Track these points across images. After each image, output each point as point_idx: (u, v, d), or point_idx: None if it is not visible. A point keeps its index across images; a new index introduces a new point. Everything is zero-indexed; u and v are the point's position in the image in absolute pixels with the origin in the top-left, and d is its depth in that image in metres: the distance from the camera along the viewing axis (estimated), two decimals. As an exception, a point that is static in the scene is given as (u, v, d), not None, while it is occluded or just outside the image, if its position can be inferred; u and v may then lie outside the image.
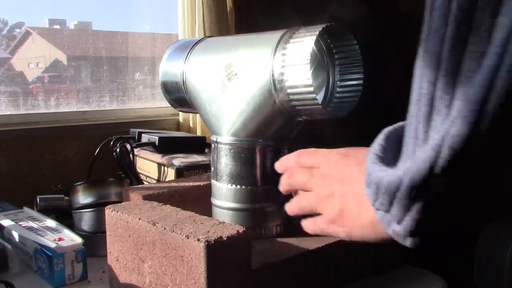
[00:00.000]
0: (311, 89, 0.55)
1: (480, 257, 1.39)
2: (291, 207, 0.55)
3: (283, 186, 0.56)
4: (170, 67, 0.74)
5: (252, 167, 0.64)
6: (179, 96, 0.74)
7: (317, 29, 0.57)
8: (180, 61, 0.72)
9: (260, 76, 0.60)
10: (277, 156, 0.63)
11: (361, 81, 0.62)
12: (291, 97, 0.58)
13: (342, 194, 0.47)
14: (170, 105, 0.78)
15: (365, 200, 0.41)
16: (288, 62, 0.57)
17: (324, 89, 0.64)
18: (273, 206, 0.65)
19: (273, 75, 0.59)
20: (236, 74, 0.63)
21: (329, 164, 0.49)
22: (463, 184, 0.36)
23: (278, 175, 0.64)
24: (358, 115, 0.66)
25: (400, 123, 0.43)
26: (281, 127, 0.63)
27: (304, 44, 0.56)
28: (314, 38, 0.56)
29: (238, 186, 0.65)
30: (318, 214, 0.51)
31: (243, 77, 0.62)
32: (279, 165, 0.57)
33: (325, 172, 0.49)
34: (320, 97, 0.64)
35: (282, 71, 0.58)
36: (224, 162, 0.66)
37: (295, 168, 0.54)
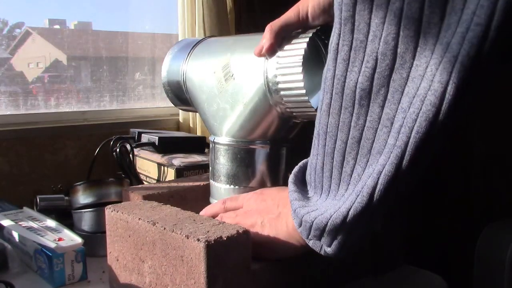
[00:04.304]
0: (303, 91, 0.55)
1: (480, 257, 1.39)
2: None
3: None
4: (172, 66, 0.74)
5: (249, 168, 0.64)
6: (180, 95, 0.74)
7: (311, 31, 0.56)
8: (181, 60, 0.72)
9: (255, 78, 0.60)
10: (275, 157, 0.63)
11: None
12: (285, 99, 0.58)
13: (260, 221, 0.56)
14: (170, 104, 0.78)
15: (280, 222, 0.53)
16: (281, 64, 0.57)
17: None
18: (273, 206, 0.65)
19: (267, 78, 0.59)
20: (232, 75, 0.63)
21: (249, 202, 0.59)
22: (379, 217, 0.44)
23: (276, 176, 0.64)
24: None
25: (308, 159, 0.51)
26: (278, 129, 0.63)
27: (297, 46, 0.56)
28: (306, 40, 0.56)
29: (236, 187, 0.65)
30: None
31: (240, 78, 0.62)
32: (205, 213, 0.64)
33: (246, 209, 0.59)
34: (317, 98, 0.64)
35: (276, 74, 0.57)
36: (221, 163, 0.66)
37: (222, 212, 0.62)
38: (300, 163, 0.52)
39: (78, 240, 0.69)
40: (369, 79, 0.38)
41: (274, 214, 0.55)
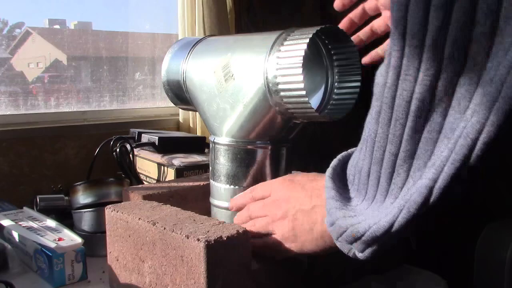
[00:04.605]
0: (303, 92, 0.55)
1: (480, 257, 1.39)
2: (249, 229, 0.58)
3: (242, 219, 0.60)
4: (172, 65, 0.74)
5: (249, 168, 0.64)
6: (180, 94, 0.74)
7: (311, 32, 0.56)
8: (181, 59, 0.72)
9: (255, 78, 0.60)
10: (275, 157, 0.63)
11: (358, 84, 0.62)
12: (285, 100, 0.58)
13: (292, 213, 0.53)
14: (170, 104, 0.78)
15: (314, 216, 0.51)
16: (281, 65, 0.57)
17: (322, 90, 0.64)
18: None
19: (267, 78, 0.59)
20: (232, 75, 0.63)
21: (277, 190, 0.57)
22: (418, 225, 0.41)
23: (277, 176, 0.64)
24: (359, 116, 0.66)
25: (348, 152, 0.50)
26: (278, 129, 0.63)
27: (297, 47, 0.56)
28: (307, 41, 0.55)
29: (236, 186, 0.65)
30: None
31: (239, 79, 0.62)
32: (234, 204, 0.62)
33: (275, 198, 0.56)
34: (317, 99, 0.64)
35: (276, 74, 0.57)
36: (222, 163, 0.66)
37: (250, 201, 0.60)
38: (339, 156, 0.50)
39: (78, 240, 0.69)
40: (429, 89, 0.35)
41: (307, 206, 0.52)
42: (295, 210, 0.53)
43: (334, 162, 0.50)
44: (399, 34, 0.35)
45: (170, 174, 0.97)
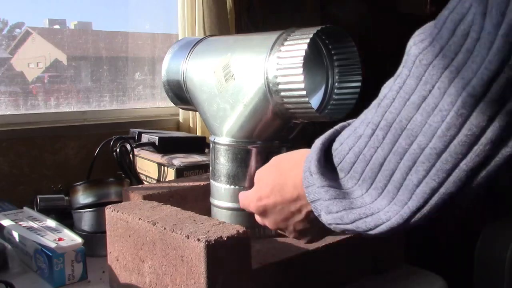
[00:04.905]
0: (304, 92, 0.55)
1: (480, 257, 1.39)
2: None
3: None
4: (172, 65, 0.74)
5: (249, 168, 0.64)
6: (180, 94, 0.74)
7: (311, 32, 0.56)
8: (182, 59, 0.72)
9: (256, 78, 0.60)
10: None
11: (359, 84, 0.62)
12: (285, 100, 0.58)
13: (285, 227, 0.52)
14: (170, 104, 0.78)
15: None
16: (282, 65, 0.57)
17: (322, 90, 0.64)
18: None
19: (267, 78, 0.59)
20: (233, 75, 0.63)
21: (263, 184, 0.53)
22: None
23: None
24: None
25: (327, 138, 0.45)
26: (278, 129, 0.63)
27: (297, 47, 0.56)
28: (307, 41, 0.55)
29: (236, 186, 0.65)
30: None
31: (240, 79, 0.62)
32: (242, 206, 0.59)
33: (260, 210, 0.53)
34: (317, 99, 0.64)
35: (276, 74, 0.57)
36: (222, 163, 0.66)
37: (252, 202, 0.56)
38: (319, 145, 0.45)
39: (78, 240, 0.69)
40: (485, 84, 0.31)
41: (291, 196, 0.49)
42: (286, 224, 0.52)
43: (316, 153, 0.45)
44: (479, 13, 0.31)
45: (170, 174, 0.97)
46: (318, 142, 0.45)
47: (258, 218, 0.55)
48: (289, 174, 0.50)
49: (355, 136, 0.41)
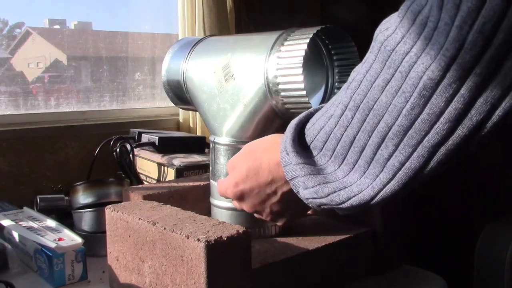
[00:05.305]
0: (304, 93, 0.55)
1: (480, 257, 1.39)
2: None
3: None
4: (172, 65, 0.74)
5: None
6: (180, 94, 0.74)
7: (311, 32, 0.56)
8: (182, 59, 0.72)
9: (256, 78, 0.60)
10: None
11: None
12: (285, 100, 0.58)
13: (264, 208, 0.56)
14: (171, 104, 0.78)
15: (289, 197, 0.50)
16: (282, 65, 0.57)
17: (323, 90, 0.64)
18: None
19: (267, 78, 0.59)
20: (233, 75, 0.63)
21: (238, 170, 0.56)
22: None
23: None
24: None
25: (301, 119, 0.48)
26: (278, 129, 0.63)
27: (297, 47, 0.56)
28: (307, 41, 0.55)
29: (237, 186, 0.65)
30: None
31: (240, 79, 0.62)
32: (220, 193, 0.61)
33: (237, 193, 0.56)
34: (317, 99, 0.64)
35: (276, 74, 0.57)
36: (222, 163, 0.66)
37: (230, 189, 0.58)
38: (294, 125, 0.48)
39: (78, 240, 0.69)
40: (442, 69, 0.34)
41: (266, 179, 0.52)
42: (263, 206, 0.55)
43: (291, 133, 0.48)
44: (437, 7, 0.35)
45: (170, 174, 0.97)
46: (293, 123, 0.48)
47: (235, 203, 0.58)
48: (262, 158, 0.52)
49: (326, 116, 0.45)
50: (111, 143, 1.03)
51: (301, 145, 0.47)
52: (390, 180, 0.40)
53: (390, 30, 0.38)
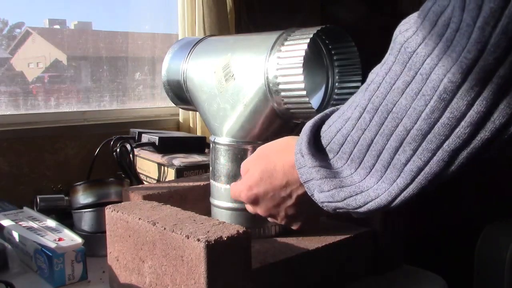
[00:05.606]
0: (304, 93, 0.55)
1: (480, 257, 1.39)
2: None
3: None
4: (172, 65, 0.74)
5: None
6: (180, 94, 0.74)
7: (311, 32, 0.56)
8: (182, 59, 0.72)
9: (256, 78, 0.60)
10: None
11: (359, 84, 0.62)
12: (285, 100, 0.58)
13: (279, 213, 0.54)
14: (171, 104, 0.78)
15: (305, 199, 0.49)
16: (282, 65, 0.57)
17: (323, 90, 0.64)
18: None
19: (267, 78, 0.59)
20: (233, 75, 0.63)
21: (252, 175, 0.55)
22: None
23: None
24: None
25: (317, 121, 0.47)
26: (279, 129, 0.63)
27: (297, 47, 0.56)
28: (307, 41, 0.55)
29: (237, 186, 0.65)
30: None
31: (240, 79, 0.62)
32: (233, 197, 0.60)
33: (251, 198, 0.55)
34: (318, 99, 0.64)
35: (276, 74, 0.57)
36: (222, 163, 0.66)
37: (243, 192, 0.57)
38: (309, 127, 0.47)
39: (78, 240, 0.69)
40: (464, 72, 0.33)
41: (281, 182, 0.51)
42: (278, 210, 0.54)
43: (307, 136, 0.47)
44: (459, 7, 0.34)
45: (170, 174, 0.97)
46: (308, 125, 0.47)
47: (249, 207, 0.57)
48: (277, 161, 0.51)
49: (343, 118, 0.44)
50: (111, 143, 1.03)
51: (317, 148, 0.46)
52: (408, 185, 0.39)
53: (411, 31, 0.37)
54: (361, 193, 0.42)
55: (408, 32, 0.37)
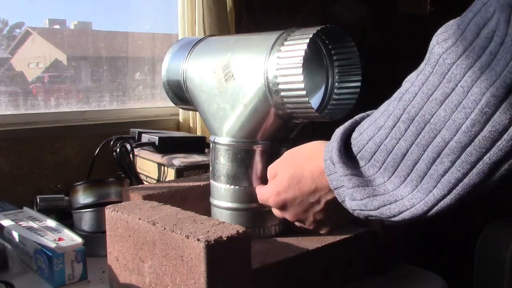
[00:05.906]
0: (304, 92, 0.55)
1: (480, 257, 1.39)
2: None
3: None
4: (172, 65, 0.74)
5: (249, 168, 0.64)
6: (180, 94, 0.74)
7: (311, 32, 0.56)
8: (182, 59, 0.72)
9: (256, 78, 0.60)
10: (274, 157, 0.63)
11: (359, 84, 0.62)
12: (285, 100, 0.58)
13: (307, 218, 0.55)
14: (170, 104, 0.78)
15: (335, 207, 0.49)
16: (282, 65, 0.57)
17: (323, 90, 0.64)
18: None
19: (267, 78, 0.59)
20: (233, 75, 0.63)
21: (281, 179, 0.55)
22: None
23: None
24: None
25: (347, 128, 0.47)
26: (278, 129, 0.63)
27: (297, 47, 0.56)
28: (307, 41, 0.55)
29: (236, 186, 0.65)
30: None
31: (240, 79, 0.62)
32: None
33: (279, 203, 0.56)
34: (317, 99, 0.64)
35: (276, 74, 0.57)
36: (222, 163, 0.66)
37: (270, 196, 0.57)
38: (340, 134, 0.47)
39: (78, 240, 0.69)
40: (508, 86, 0.33)
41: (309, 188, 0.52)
42: (306, 215, 0.54)
43: (338, 143, 0.46)
44: (504, 20, 0.33)
45: (170, 174, 0.97)
46: (338, 132, 0.47)
47: (277, 212, 0.58)
48: (305, 167, 0.52)
49: (375, 127, 0.43)
50: (111, 143, 1.03)
51: (347, 154, 0.46)
52: (445, 196, 0.38)
53: (450, 42, 0.37)
54: (395, 202, 0.42)
55: (446, 42, 0.37)
